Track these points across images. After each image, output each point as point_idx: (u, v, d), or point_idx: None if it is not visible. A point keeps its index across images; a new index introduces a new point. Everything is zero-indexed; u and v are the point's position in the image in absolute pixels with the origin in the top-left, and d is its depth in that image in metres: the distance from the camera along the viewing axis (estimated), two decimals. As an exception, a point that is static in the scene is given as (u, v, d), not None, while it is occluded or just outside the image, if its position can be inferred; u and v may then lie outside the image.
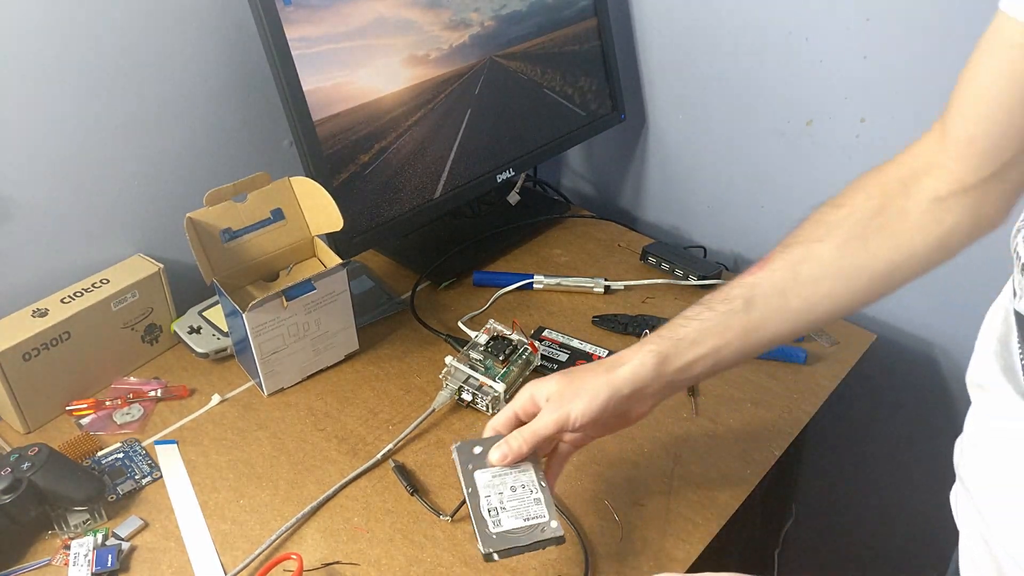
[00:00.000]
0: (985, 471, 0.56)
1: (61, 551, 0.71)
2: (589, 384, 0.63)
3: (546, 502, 0.62)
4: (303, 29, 0.86)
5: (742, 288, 0.63)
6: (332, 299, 0.88)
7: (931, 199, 0.62)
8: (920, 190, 0.62)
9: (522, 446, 0.63)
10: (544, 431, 0.63)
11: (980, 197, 0.61)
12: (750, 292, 0.63)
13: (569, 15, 1.12)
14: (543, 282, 1.05)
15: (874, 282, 0.63)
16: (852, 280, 0.63)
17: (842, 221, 0.63)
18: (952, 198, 0.61)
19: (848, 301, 0.64)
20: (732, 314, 0.63)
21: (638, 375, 0.63)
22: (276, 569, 0.69)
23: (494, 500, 0.61)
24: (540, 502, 0.62)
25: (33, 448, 0.74)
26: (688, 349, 0.63)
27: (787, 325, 0.64)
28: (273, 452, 0.82)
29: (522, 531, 0.60)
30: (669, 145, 1.22)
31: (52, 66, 0.83)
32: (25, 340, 0.80)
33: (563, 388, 0.63)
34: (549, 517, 0.61)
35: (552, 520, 0.61)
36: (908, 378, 1.09)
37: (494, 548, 0.59)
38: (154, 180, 0.95)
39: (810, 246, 0.63)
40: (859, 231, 0.63)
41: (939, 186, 0.61)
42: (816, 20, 0.98)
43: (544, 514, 0.62)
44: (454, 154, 1.03)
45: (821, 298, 0.63)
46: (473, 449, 0.64)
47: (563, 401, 0.63)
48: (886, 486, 1.20)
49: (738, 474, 0.80)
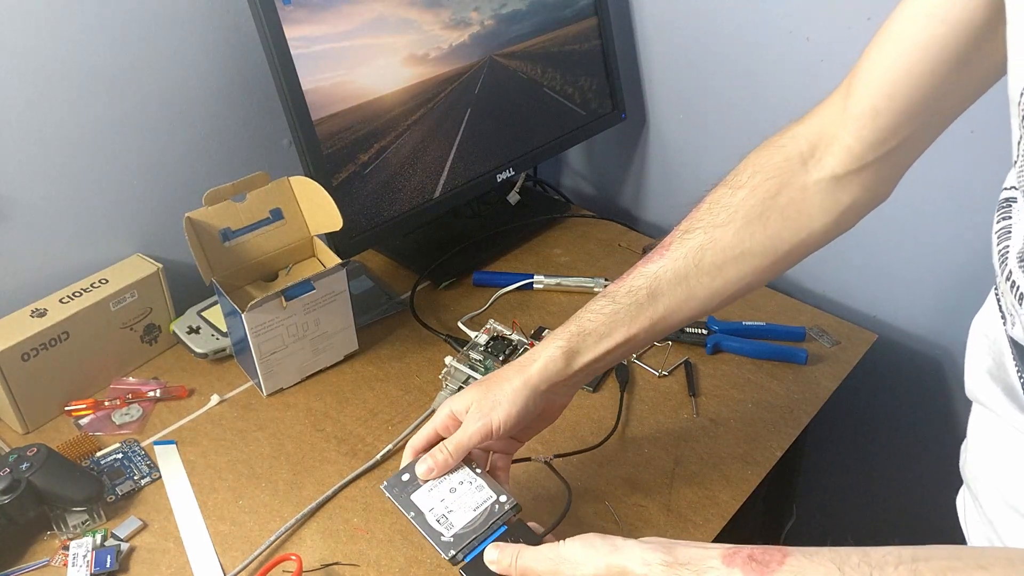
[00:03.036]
0: (994, 483, 0.55)
1: (60, 552, 0.71)
2: (506, 388, 0.63)
3: (489, 485, 0.62)
4: (303, 28, 0.85)
5: (645, 279, 0.63)
6: (331, 299, 0.88)
7: (829, 178, 0.61)
8: (819, 168, 0.62)
9: (447, 458, 0.62)
10: (468, 441, 0.62)
11: (876, 172, 0.61)
12: (653, 283, 0.63)
13: (569, 14, 1.12)
14: (543, 282, 1.05)
15: (776, 263, 0.64)
16: (754, 263, 0.63)
17: (740, 204, 0.63)
18: (849, 176, 0.61)
19: (751, 282, 0.64)
20: (637, 306, 0.63)
21: (549, 370, 0.63)
22: (275, 570, 0.69)
23: (439, 509, 0.61)
24: (483, 487, 0.62)
25: (32, 448, 0.73)
26: (597, 343, 0.63)
27: (693, 311, 0.64)
28: (272, 453, 0.82)
29: (476, 520, 0.60)
30: (669, 144, 1.21)
31: (51, 66, 0.82)
32: (24, 340, 0.80)
33: (481, 398, 0.63)
34: (497, 494, 0.62)
35: (501, 495, 0.61)
36: (909, 379, 1.09)
37: (456, 549, 0.58)
38: (153, 180, 0.95)
39: (711, 232, 0.63)
40: (758, 214, 0.62)
41: (837, 164, 0.61)
42: (816, 20, 0.97)
43: (490, 495, 0.62)
44: (454, 154, 1.02)
45: (724, 283, 0.63)
46: (401, 478, 0.64)
47: (483, 410, 0.62)
48: (887, 487, 1.20)
49: (738, 474, 0.79)
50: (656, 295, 0.63)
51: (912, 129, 0.58)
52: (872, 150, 0.59)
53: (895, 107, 0.57)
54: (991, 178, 0.93)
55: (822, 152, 0.62)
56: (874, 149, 0.59)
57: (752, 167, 0.64)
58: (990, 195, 0.97)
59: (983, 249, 0.62)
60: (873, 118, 0.58)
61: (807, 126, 0.63)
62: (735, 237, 0.62)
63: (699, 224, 0.64)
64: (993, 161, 0.91)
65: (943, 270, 1.00)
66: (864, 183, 0.61)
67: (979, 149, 0.87)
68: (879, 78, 0.57)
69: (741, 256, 0.63)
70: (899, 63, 0.56)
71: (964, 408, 0.60)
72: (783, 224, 0.62)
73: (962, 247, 0.96)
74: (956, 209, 0.95)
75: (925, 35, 0.54)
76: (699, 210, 0.65)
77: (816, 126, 0.63)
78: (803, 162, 0.62)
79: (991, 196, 0.97)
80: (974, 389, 0.57)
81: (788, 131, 0.64)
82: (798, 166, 0.62)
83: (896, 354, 1.07)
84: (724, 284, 0.63)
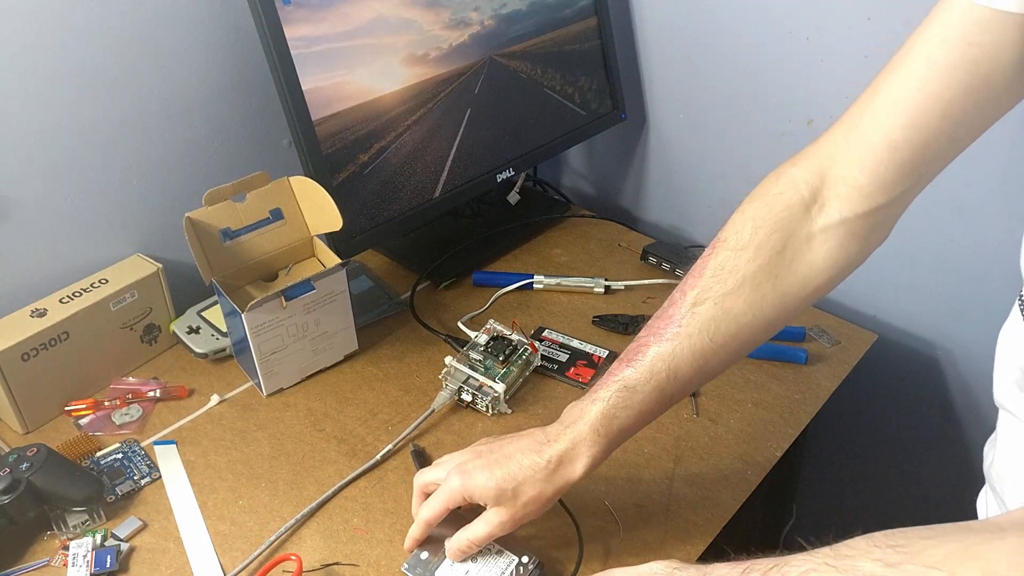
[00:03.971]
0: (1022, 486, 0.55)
1: (60, 552, 0.71)
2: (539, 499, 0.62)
3: (507, 548, 0.67)
4: (302, 28, 0.85)
5: (664, 361, 0.61)
6: (331, 299, 0.88)
7: (837, 224, 0.58)
8: (824, 214, 0.58)
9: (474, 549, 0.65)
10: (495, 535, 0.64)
11: (886, 214, 0.57)
12: (672, 364, 0.61)
13: (569, 14, 1.12)
14: (543, 282, 1.05)
15: (784, 318, 0.62)
16: (766, 324, 0.62)
17: (747, 267, 0.60)
18: (858, 219, 0.57)
19: (759, 340, 0.63)
20: (659, 391, 0.62)
21: (587, 475, 0.63)
22: (275, 570, 0.69)
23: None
24: (502, 551, 0.67)
25: (32, 448, 0.73)
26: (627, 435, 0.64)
27: (706, 379, 0.64)
28: (272, 453, 0.82)
29: None
30: (670, 145, 1.21)
31: (51, 65, 0.82)
32: (24, 340, 0.80)
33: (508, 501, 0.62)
34: (518, 556, 0.67)
35: (523, 556, 0.67)
36: (909, 379, 1.09)
37: None
38: (153, 180, 0.95)
39: (721, 302, 0.60)
40: (767, 275, 0.60)
41: (844, 207, 0.57)
42: (816, 19, 0.97)
43: (512, 558, 0.66)
44: (454, 154, 1.02)
45: (736, 349, 0.62)
46: (420, 556, 0.68)
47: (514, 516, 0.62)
48: (887, 487, 1.20)
49: (739, 475, 0.79)
50: (675, 376, 0.61)
51: (929, 165, 0.54)
52: (886, 191, 0.55)
53: (917, 139, 0.53)
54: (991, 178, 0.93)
55: (826, 195, 0.58)
56: (888, 190, 0.55)
57: (753, 222, 0.60)
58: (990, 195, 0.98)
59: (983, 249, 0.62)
60: (891, 152, 0.54)
61: (804, 168, 0.59)
62: (746, 303, 0.60)
63: (708, 295, 0.61)
64: (993, 161, 0.91)
65: (943, 270, 1.00)
66: (872, 227, 0.58)
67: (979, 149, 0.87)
68: (898, 105, 0.53)
69: (753, 322, 0.61)
70: (924, 88, 0.51)
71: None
72: (791, 280, 0.60)
73: (962, 247, 0.96)
74: (956, 210, 0.95)
75: (954, 57, 0.50)
76: (703, 276, 0.62)
77: (815, 167, 0.59)
78: (806, 209, 0.59)
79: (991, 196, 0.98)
80: (1002, 398, 0.57)
81: (783, 175, 0.60)
82: (801, 214, 0.59)
83: (896, 354, 1.07)
84: (736, 348, 0.62)
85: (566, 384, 0.90)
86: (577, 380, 0.90)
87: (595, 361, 0.92)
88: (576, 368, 0.91)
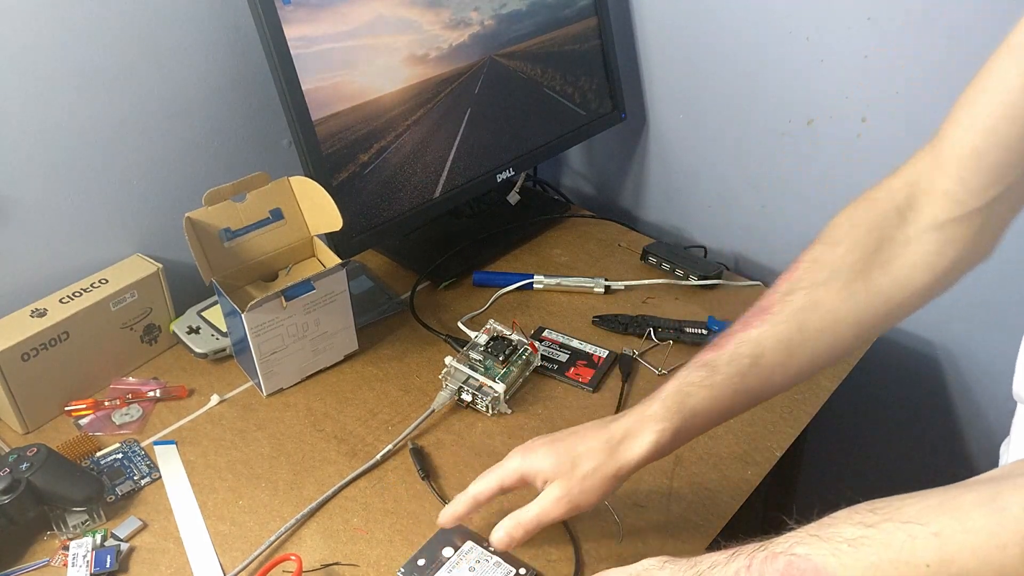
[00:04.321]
0: None
1: (60, 552, 0.71)
2: (597, 475, 0.60)
3: (505, 560, 0.68)
4: (302, 28, 0.85)
5: (748, 345, 0.60)
6: (331, 299, 0.88)
7: (931, 226, 0.58)
8: (918, 219, 0.59)
9: (520, 533, 0.62)
10: (549, 520, 0.62)
11: (981, 222, 0.57)
12: (757, 349, 0.60)
13: (569, 14, 1.12)
14: (543, 282, 1.05)
15: (876, 325, 0.61)
16: (857, 326, 0.60)
17: (841, 261, 0.60)
18: (953, 225, 0.57)
19: (846, 348, 0.61)
20: (739, 376, 0.60)
21: (652, 455, 0.60)
22: (275, 570, 0.69)
23: None
24: (500, 563, 0.67)
25: (32, 448, 0.73)
26: (701, 423, 0.61)
27: (787, 381, 0.62)
28: (272, 453, 0.82)
29: None
30: (669, 145, 1.21)
31: (51, 65, 0.82)
32: (24, 340, 0.80)
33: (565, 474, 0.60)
34: (515, 567, 0.67)
35: (520, 568, 0.67)
36: (910, 378, 1.09)
37: None
38: (153, 180, 0.95)
39: (812, 292, 0.60)
40: (860, 270, 0.59)
41: (938, 211, 0.58)
42: (816, 19, 0.97)
43: (509, 569, 0.67)
44: (454, 154, 1.02)
45: (825, 348, 0.61)
46: (417, 563, 0.68)
47: (571, 494, 0.60)
48: (887, 487, 1.20)
49: (739, 475, 0.79)
50: (758, 363, 0.60)
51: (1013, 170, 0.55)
52: (976, 196, 0.56)
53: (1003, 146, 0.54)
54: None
55: (921, 202, 0.59)
56: (980, 194, 0.56)
57: (848, 221, 0.61)
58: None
59: (983, 249, 0.62)
60: (976, 159, 0.55)
61: (900, 178, 0.60)
62: (838, 297, 0.59)
63: (800, 284, 0.60)
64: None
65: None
66: (968, 234, 0.57)
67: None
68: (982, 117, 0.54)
69: (844, 319, 0.60)
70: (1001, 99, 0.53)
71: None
72: (886, 281, 0.59)
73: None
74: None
75: None
76: (798, 269, 0.61)
77: (911, 177, 0.60)
78: (901, 214, 0.59)
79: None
80: (1021, 392, 0.57)
81: (882, 185, 0.61)
82: (896, 219, 0.59)
83: (896, 354, 1.07)
84: (823, 350, 0.60)
85: (566, 384, 0.90)
86: (577, 380, 0.90)
87: (595, 361, 0.92)
88: (576, 368, 0.91)
